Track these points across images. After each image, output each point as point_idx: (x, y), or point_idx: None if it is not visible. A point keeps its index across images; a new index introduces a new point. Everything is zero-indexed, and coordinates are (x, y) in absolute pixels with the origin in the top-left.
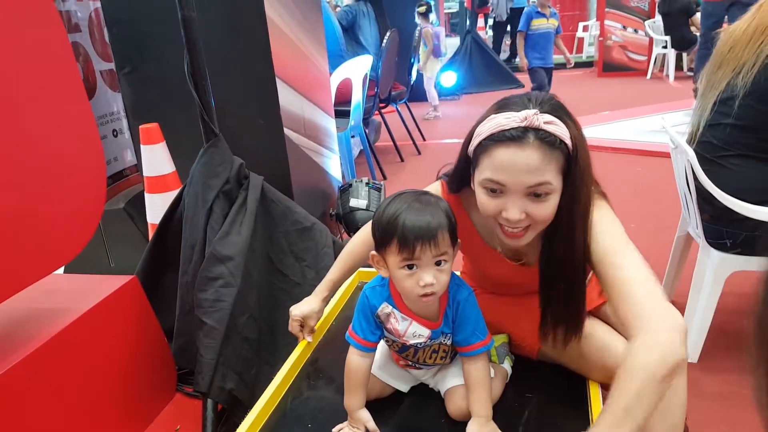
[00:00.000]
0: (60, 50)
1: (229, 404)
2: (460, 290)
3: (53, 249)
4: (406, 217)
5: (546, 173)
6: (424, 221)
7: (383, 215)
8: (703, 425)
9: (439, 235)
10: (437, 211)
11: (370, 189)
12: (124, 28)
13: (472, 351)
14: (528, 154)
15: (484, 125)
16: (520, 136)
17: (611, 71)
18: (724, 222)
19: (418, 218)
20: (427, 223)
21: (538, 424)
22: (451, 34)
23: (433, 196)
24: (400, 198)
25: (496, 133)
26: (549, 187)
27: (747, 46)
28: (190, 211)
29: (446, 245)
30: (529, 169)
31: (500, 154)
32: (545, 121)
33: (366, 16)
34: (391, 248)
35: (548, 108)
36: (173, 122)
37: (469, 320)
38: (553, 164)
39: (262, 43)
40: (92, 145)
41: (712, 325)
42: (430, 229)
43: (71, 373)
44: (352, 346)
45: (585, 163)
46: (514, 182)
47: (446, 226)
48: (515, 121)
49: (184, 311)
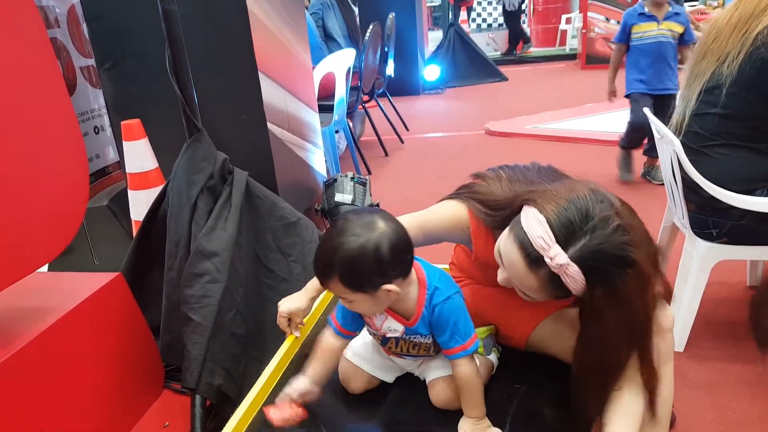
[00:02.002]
0: (39, 46)
1: (217, 400)
2: (438, 293)
3: (36, 247)
4: (316, 251)
5: (537, 293)
6: (317, 263)
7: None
8: (690, 413)
9: (331, 283)
10: (339, 255)
11: (355, 184)
12: (103, 23)
13: (451, 355)
14: (530, 275)
15: (533, 223)
16: (535, 260)
17: (595, 63)
18: (710, 212)
19: (317, 258)
20: (320, 267)
21: (527, 415)
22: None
23: (365, 229)
24: (340, 220)
25: (524, 239)
26: (537, 295)
27: (731, 35)
28: (175, 208)
29: (340, 291)
30: (524, 282)
31: (512, 253)
32: (566, 272)
33: (330, 8)
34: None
35: (589, 260)
36: (155, 118)
37: (447, 325)
38: (550, 291)
39: (244, 37)
40: (74, 142)
41: (698, 314)
42: (319, 275)
43: (57, 372)
44: (330, 327)
45: (604, 329)
46: (510, 274)
47: (338, 275)
48: (544, 251)
49: (171, 308)
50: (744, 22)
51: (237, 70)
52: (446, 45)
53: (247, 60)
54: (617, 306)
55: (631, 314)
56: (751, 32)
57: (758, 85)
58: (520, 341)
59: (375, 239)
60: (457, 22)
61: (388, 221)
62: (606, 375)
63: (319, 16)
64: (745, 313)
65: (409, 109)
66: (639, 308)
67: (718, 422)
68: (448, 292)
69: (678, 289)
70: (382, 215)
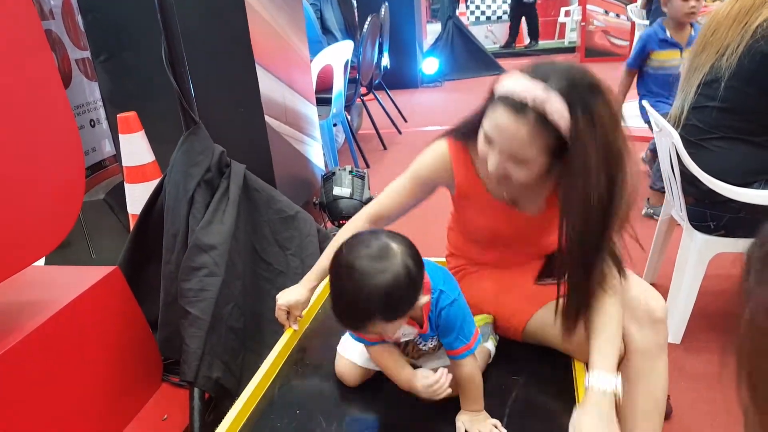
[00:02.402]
0: (34, 38)
1: (215, 393)
2: (443, 297)
3: (32, 241)
4: (337, 304)
5: (529, 150)
6: (351, 312)
7: (332, 273)
8: (686, 405)
9: (370, 326)
10: (376, 298)
11: (353, 177)
12: (99, 15)
13: (456, 355)
14: (519, 126)
15: (508, 80)
16: (520, 108)
17: (593, 56)
18: (708, 204)
19: (347, 309)
20: (357, 317)
21: (525, 406)
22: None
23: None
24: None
25: (506, 94)
26: (527, 161)
27: (730, 28)
28: (171, 201)
29: (381, 328)
30: (515, 138)
31: (499, 115)
32: (552, 99)
33: (328, 1)
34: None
35: (566, 88)
36: (152, 110)
37: (453, 327)
38: (539, 142)
39: (241, 29)
40: (69, 135)
41: (696, 306)
42: (355, 324)
43: (54, 366)
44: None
45: (586, 158)
46: (500, 143)
47: (379, 317)
48: (525, 91)
49: (168, 301)
50: (744, 14)
51: (234, 62)
52: (445, 38)
53: (244, 52)
54: (596, 134)
55: (609, 143)
56: (751, 25)
57: (757, 78)
58: (517, 330)
59: (400, 264)
60: (455, 15)
61: (394, 237)
62: (589, 226)
63: (317, 8)
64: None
65: (408, 102)
66: (615, 137)
67: (714, 414)
68: (453, 295)
69: (675, 281)
70: (384, 234)
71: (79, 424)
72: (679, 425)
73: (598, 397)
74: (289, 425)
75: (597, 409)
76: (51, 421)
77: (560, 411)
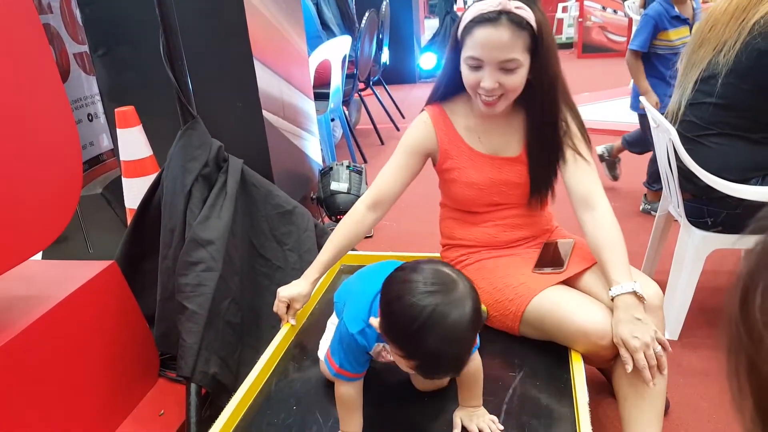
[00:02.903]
0: (32, 32)
1: (212, 388)
2: None
3: (29, 235)
4: (437, 354)
5: (514, 50)
6: (454, 361)
7: (411, 331)
8: (684, 401)
9: (465, 363)
10: (469, 336)
11: (350, 172)
12: (97, 9)
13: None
14: (500, 33)
15: (468, 11)
16: (495, 17)
17: (591, 52)
18: (706, 200)
19: (450, 359)
20: (456, 361)
21: (522, 402)
22: (430, 15)
23: (464, 298)
24: (434, 314)
25: (477, 16)
26: (517, 62)
27: (728, 24)
28: (169, 195)
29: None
30: (501, 45)
31: (479, 34)
32: (515, 6)
33: None
34: (404, 357)
35: None
36: (150, 105)
37: None
38: (520, 42)
39: (239, 24)
40: (67, 129)
41: (693, 302)
42: (458, 367)
43: (51, 361)
44: (341, 380)
45: (549, 42)
46: (489, 57)
47: (471, 347)
48: (491, 5)
49: (165, 296)
50: (741, 10)
51: (232, 56)
52: (442, 33)
53: (242, 47)
54: (547, 22)
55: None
56: (748, 21)
57: (753, 74)
58: (516, 317)
59: (468, 289)
60: (453, 10)
61: (458, 278)
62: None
63: (315, 0)
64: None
65: (405, 98)
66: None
67: (711, 410)
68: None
69: (673, 277)
70: (445, 275)
71: (76, 420)
72: (678, 421)
73: (623, 304)
74: (285, 421)
75: (626, 314)
76: (47, 417)
77: (558, 407)
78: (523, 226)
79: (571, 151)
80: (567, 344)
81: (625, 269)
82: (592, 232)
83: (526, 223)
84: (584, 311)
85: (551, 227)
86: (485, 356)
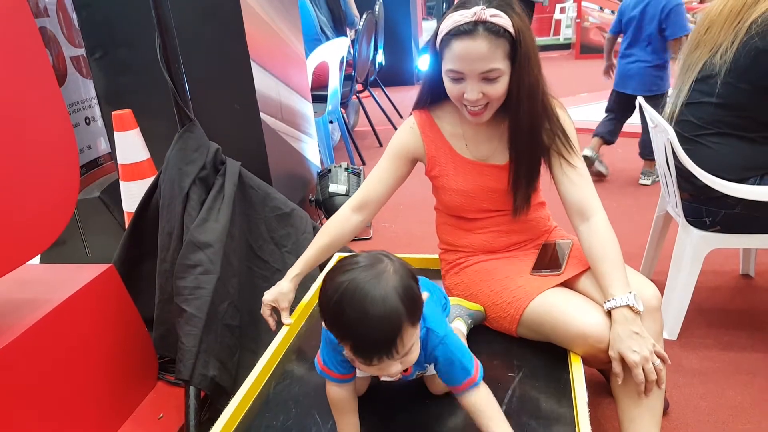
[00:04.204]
0: (28, 36)
1: (211, 391)
2: (432, 336)
3: (27, 239)
4: (358, 330)
5: (494, 60)
6: (380, 334)
7: (330, 308)
8: (683, 401)
9: (398, 343)
10: (394, 307)
11: (349, 174)
12: (93, 12)
13: (460, 392)
14: (478, 44)
15: (444, 23)
16: (471, 29)
17: (589, 53)
18: (704, 200)
19: (376, 329)
20: (384, 336)
21: (521, 404)
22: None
23: (388, 272)
24: (348, 287)
25: (453, 28)
26: (498, 71)
27: (723, 26)
28: (167, 198)
29: (409, 336)
30: (480, 57)
31: (456, 47)
32: (491, 15)
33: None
34: (340, 344)
35: (495, 3)
36: (147, 108)
37: (450, 366)
38: (499, 51)
39: (236, 26)
40: (64, 133)
41: (692, 302)
42: (388, 343)
43: (49, 365)
44: (329, 381)
45: (528, 46)
46: (470, 69)
47: (407, 321)
48: (467, 17)
49: (164, 299)
50: (737, 12)
51: (229, 59)
52: None
53: (239, 49)
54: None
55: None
56: (745, 22)
57: (750, 74)
58: (514, 319)
59: (393, 260)
60: None
61: (386, 257)
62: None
63: None
64: (738, 301)
65: (404, 99)
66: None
67: (711, 409)
68: (441, 332)
69: (671, 277)
70: (372, 256)
71: (75, 423)
72: (677, 421)
73: (621, 318)
74: (284, 423)
75: (624, 329)
76: (46, 420)
77: (557, 407)
78: (518, 231)
79: (558, 160)
80: (565, 346)
81: (621, 281)
82: (588, 245)
83: (522, 228)
84: (582, 314)
85: (549, 228)
86: (484, 357)
